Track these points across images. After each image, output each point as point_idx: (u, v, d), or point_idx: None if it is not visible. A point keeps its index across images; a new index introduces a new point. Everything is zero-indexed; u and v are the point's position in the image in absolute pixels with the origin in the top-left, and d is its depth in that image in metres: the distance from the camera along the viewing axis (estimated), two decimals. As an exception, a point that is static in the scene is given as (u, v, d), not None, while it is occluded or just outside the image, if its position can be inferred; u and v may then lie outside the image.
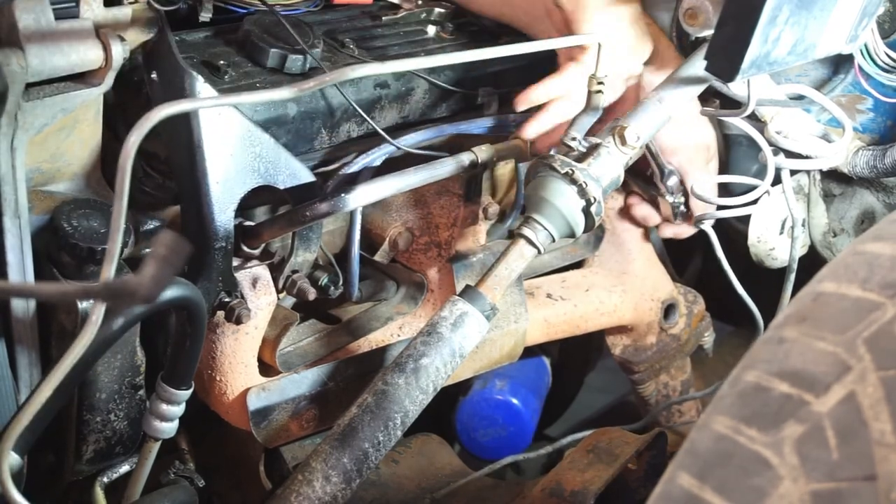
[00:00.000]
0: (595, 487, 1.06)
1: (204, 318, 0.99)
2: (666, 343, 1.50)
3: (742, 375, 0.67)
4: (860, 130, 1.30)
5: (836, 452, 0.61)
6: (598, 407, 2.00)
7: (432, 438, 1.36)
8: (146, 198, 1.08)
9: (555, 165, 1.06)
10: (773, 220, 1.38)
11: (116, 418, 1.06)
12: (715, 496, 0.62)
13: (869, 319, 0.65)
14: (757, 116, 1.27)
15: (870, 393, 0.62)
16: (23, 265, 0.97)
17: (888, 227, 0.75)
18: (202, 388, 1.13)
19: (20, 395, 1.00)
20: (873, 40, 1.21)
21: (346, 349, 1.21)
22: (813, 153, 1.23)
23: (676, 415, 1.58)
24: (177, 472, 1.17)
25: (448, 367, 1.04)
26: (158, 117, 0.79)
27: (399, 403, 1.02)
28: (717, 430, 0.65)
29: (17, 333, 1.00)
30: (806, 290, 0.72)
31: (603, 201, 1.07)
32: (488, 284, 1.06)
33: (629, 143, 1.09)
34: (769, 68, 1.02)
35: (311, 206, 1.05)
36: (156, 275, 0.61)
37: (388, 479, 1.25)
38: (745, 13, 0.94)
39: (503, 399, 1.59)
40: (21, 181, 0.95)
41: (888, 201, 1.35)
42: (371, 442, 1.01)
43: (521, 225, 1.08)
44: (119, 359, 1.04)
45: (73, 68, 0.95)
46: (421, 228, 1.24)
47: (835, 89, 1.29)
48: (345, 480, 1.00)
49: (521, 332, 1.31)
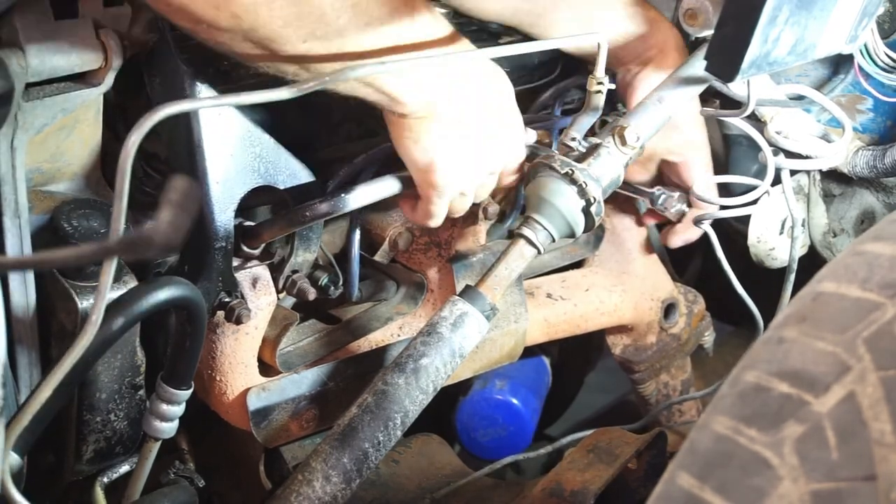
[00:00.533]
0: (595, 487, 1.06)
1: (204, 318, 0.99)
2: (666, 343, 1.50)
3: (742, 375, 0.67)
4: (860, 130, 1.30)
5: (835, 452, 0.61)
6: (598, 407, 2.00)
7: (432, 438, 1.36)
8: (146, 198, 1.08)
9: (555, 165, 1.06)
10: (773, 220, 1.38)
11: (116, 418, 1.06)
12: (715, 496, 0.62)
13: (869, 319, 0.65)
14: (757, 116, 1.27)
15: (870, 393, 0.62)
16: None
17: (888, 227, 0.75)
18: (202, 388, 1.13)
19: (20, 395, 1.00)
20: (873, 40, 1.21)
21: (346, 349, 1.21)
22: (813, 153, 1.23)
23: (676, 414, 1.58)
24: (177, 472, 1.17)
25: (448, 367, 1.04)
26: (158, 117, 0.79)
27: (399, 403, 1.02)
28: (717, 430, 0.65)
29: (17, 333, 1.00)
30: (806, 290, 0.72)
31: (603, 201, 1.07)
32: (488, 284, 1.06)
33: (629, 143, 1.09)
34: (769, 68, 1.02)
35: (311, 206, 1.05)
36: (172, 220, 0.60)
37: (388, 479, 1.25)
38: (745, 13, 0.94)
39: (503, 399, 1.59)
40: (21, 181, 0.95)
41: (888, 201, 1.35)
42: (371, 442, 1.01)
43: (520, 225, 1.08)
44: (119, 359, 1.04)
45: (73, 68, 0.95)
46: (421, 228, 1.24)
47: (835, 89, 1.29)
48: (345, 480, 1.00)
49: (521, 332, 1.31)
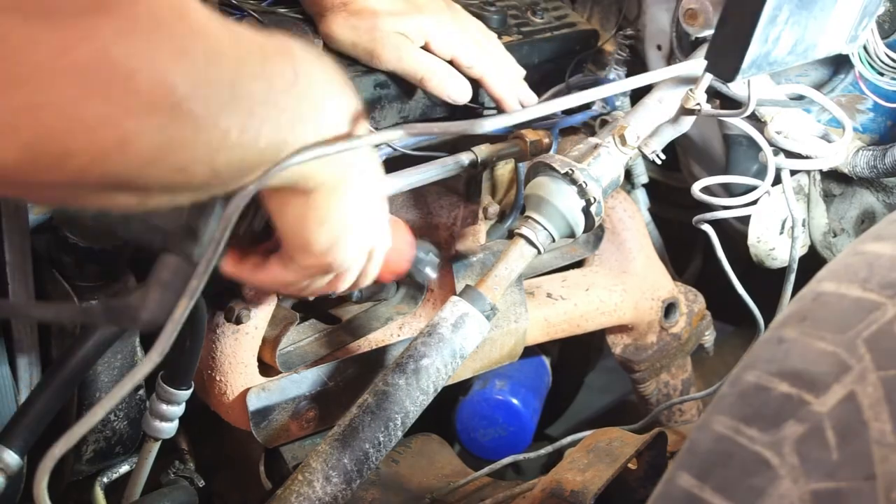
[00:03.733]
0: (595, 487, 1.06)
1: (204, 318, 0.99)
2: (666, 342, 1.50)
3: (742, 375, 0.67)
4: (860, 130, 1.30)
5: (836, 452, 0.61)
6: (598, 407, 2.00)
7: (432, 438, 1.36)
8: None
9: (555, 165, 1.06)
10: (773, 220, 1.38)
11: (116, 418, 1.06)
12: (715, 496, 0.62)
13: (869, 319, 0.65)
14: (757, 116, 1.27)
15: (870, 393, 0.62)
16: (23, 265, 0.97)
17: (888, 227, 0.75)
18: (202, 388, 1.13)
19: (20, 395, 1.00)
20: (873, 40, 1.21)
21: (346, 349, 1.21)
22: (813, 153, 1.23)
23: (677, 414, 1.58)
24: (177, 472, 1.17)
25: (449, 367, 1.04)
26: None
27: (399, 404, 1.02)
28: (717, 430, 0.65)
29: (17, 333, 1.00)
30: (806, 290, 0.72)
31: (603, 201, 1.07)
32: (488, 284, 1.06)
33: (629, 143, 1.09)
34: (769, 68, 1.02)
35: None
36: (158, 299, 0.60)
37: (388, 479, 1.25)
38: (745, 13, 0.94)
39: (503, 399, 1.58)
40: (21, 181, 0.95)
41: (888, 201, 1.35)
42: (371, 442, 1.01)
43: (520, 225, 1.08)
44: (119, 359, 1.04)
45: (73, 68, 0.95)
46: (421, 228, 1.24)
47: (835, 89, 1.29)
48: (345, 481, 1.00)
49: (522, 332, 1.31)
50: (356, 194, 0.83)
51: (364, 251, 0.90)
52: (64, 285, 0.99)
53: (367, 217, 0.86)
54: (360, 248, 0.88)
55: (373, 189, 0.86)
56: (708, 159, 1.51)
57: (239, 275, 0.90)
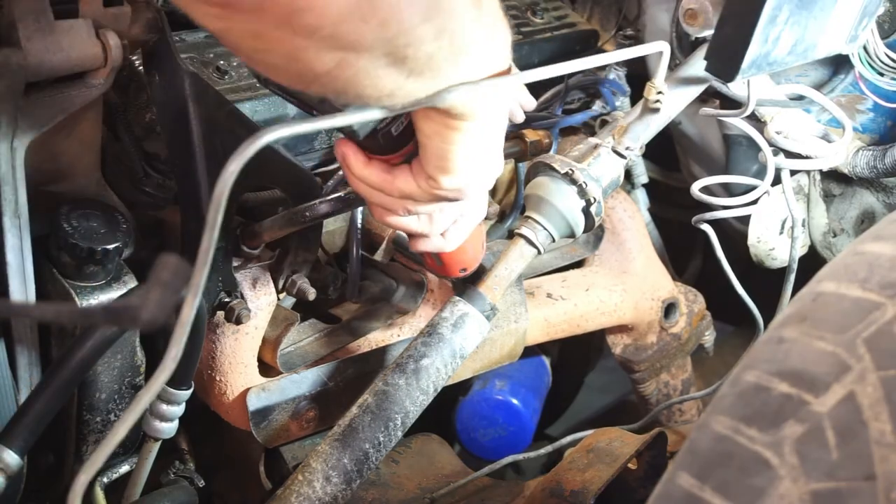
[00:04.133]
0: (595, 487, 1.06)
1: (204, 318, 0.99)
2: (666, 342, 1.50)
3: (742, 375, 0.67)
4: (860, 130, 1.30)
5: (835, 452, 0.61)
6: (598, 407, 2.00)
7: (432, 438, 1.36)
8: (146, 198, 1.08)
9: (555, 165, 1.06)
10: (773, 220, 1.38)
11: (116, 418, 1.06)
12: (715, 496, 0.62)
13: (869, 319, 0.65)
14: (757, 116, 1.27)
15: (870, 393, 0.62)
16: (23, 265, 0.97)
17: (888, 227, 0.75)
18: (202, 388, 1.13)
19: (20, 395, 1.00)
20: (873, 40, 1.21)
21: (346, 349, 1.21)
22: (813, 153, 1.23)
23: (677, 414, 1.58)
24: (177, 472, 1.18)
25: (449, 367, 1.04)
26: (259, 145, 0.68)
27: (399, 404, 1.02)
28: (717, 430, 0.65)
29: (17, 333, 1.00)
30: (806, 290, 0.72)
31: (603, 201, 1.07)
32: (488, 284, 1.06)
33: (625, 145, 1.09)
34: (769, 68, 1.02)
35: (311, 206, 1.05)
36: (158, 299, 0.60)
37: (388, 479, 1.25)
38: (745, 13, 0.94)
39: (503, 399, 1.58)
40: (21, 181, 0.95)
41: (888, 201, 1.35)
42: (371, 442, 1.01)
43: (520, 225, 1.08)
44: (119, 359, 1.04)
45: (73, 68, 0.95)
46: (421, 228, 1.24)
47: (835, 89, 1.29)
48: (345, 481, 1.00)
49: (522, 332, 1.31)
50: (499, 135, 0.87)
51: (485, 191, 0.94)
52: (64, 285, 0.99)
53: (498, 160, 0.89)
54: (487, 187, 0.92)
55: (503, 133, 0.89)
56: (708, 159, 1.51)
57: (367, 177, 0.89)
